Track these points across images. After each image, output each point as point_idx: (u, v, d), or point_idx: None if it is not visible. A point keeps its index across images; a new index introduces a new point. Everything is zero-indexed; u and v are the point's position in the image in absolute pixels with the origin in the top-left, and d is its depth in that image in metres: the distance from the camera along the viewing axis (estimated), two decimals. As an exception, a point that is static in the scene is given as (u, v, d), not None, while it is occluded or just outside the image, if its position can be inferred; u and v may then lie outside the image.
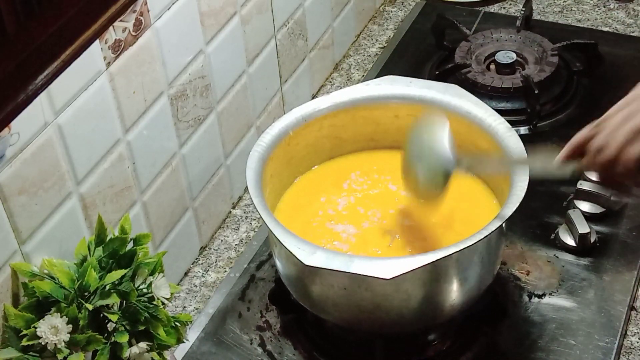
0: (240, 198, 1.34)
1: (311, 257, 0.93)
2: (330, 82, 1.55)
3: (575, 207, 1.23)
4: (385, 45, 1.61)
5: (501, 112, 1.11)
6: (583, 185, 1.24)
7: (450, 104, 1.12)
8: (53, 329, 0.87)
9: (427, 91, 1.13)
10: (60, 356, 0.87)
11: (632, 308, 1.13)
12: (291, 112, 1.13)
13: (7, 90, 0.84)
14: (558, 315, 1.12)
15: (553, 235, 1.21)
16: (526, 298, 1.15)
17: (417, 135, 1.03)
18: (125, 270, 0.94)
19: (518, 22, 1.52)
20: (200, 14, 1.13)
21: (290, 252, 0.94)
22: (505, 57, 1.44)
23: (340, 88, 1.50)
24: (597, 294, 1.14)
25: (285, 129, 1.11)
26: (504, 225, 0.99)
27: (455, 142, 0.99)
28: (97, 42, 0.95)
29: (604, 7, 1.64)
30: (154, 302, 0.95)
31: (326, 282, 1.00)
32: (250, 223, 1.31)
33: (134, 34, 1.01)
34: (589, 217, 1.21)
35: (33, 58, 0.86)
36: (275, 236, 0.96)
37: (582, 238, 1.18)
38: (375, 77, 1.22)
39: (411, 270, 0.91)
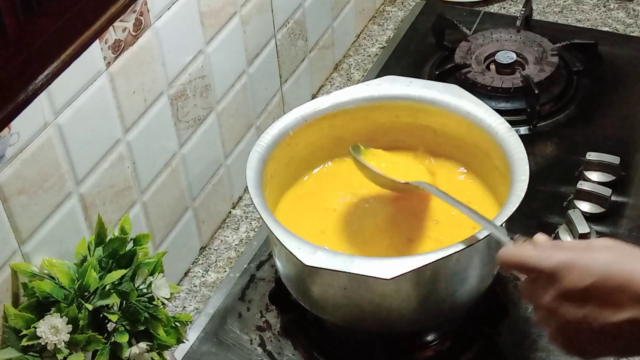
0: (240, 198, 1.34)
1: (311, 257, 0.93)
2: (330, 82, 1.55)
3: (575, 207, 1.23)
4: (385, 45, 1.61)
5: (501, 112, 1.10)
6: (583, 185, 1.24)
7: (450, 104, 1.12)
8: (53, 329, 0.87)
9: (427, 91, 1.13)
10: (60, 356, 0.87)
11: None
12: (291, 112, 1.13)
13: (7, 90, 0.84)
14: (558, 315, 1.12)
15: (553, 235, 1.21)
16: (526, 298, 1.15)
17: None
18: (125, 270, 0.94)
19: (518, 22, 1.52)
20: (200, 14, 1.13)
21: (290, 252, 0.94)
22: (505, 57, 1.44)
23: (340, 88, 1.50)
24: (597, 294, 1.14)
25: (285, 129, 1.11)
26: (504, 225, 0.99)
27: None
28: (97, 42, 0.95)
29: (604, 7, 1.64)
30: (154, 302, 0.95)
31: (326, 282, 1.00)
32: (250, 223, 1.31)
33: (134, 34, 1.01)
34: (589, 217, 1.21)
35: (33, 58, 0.86)
36: (275, 236, 0.96)
37: (582, 238, 1.18)
38: (375, 77, 1.22)
39: (411, 270, 0.91)
